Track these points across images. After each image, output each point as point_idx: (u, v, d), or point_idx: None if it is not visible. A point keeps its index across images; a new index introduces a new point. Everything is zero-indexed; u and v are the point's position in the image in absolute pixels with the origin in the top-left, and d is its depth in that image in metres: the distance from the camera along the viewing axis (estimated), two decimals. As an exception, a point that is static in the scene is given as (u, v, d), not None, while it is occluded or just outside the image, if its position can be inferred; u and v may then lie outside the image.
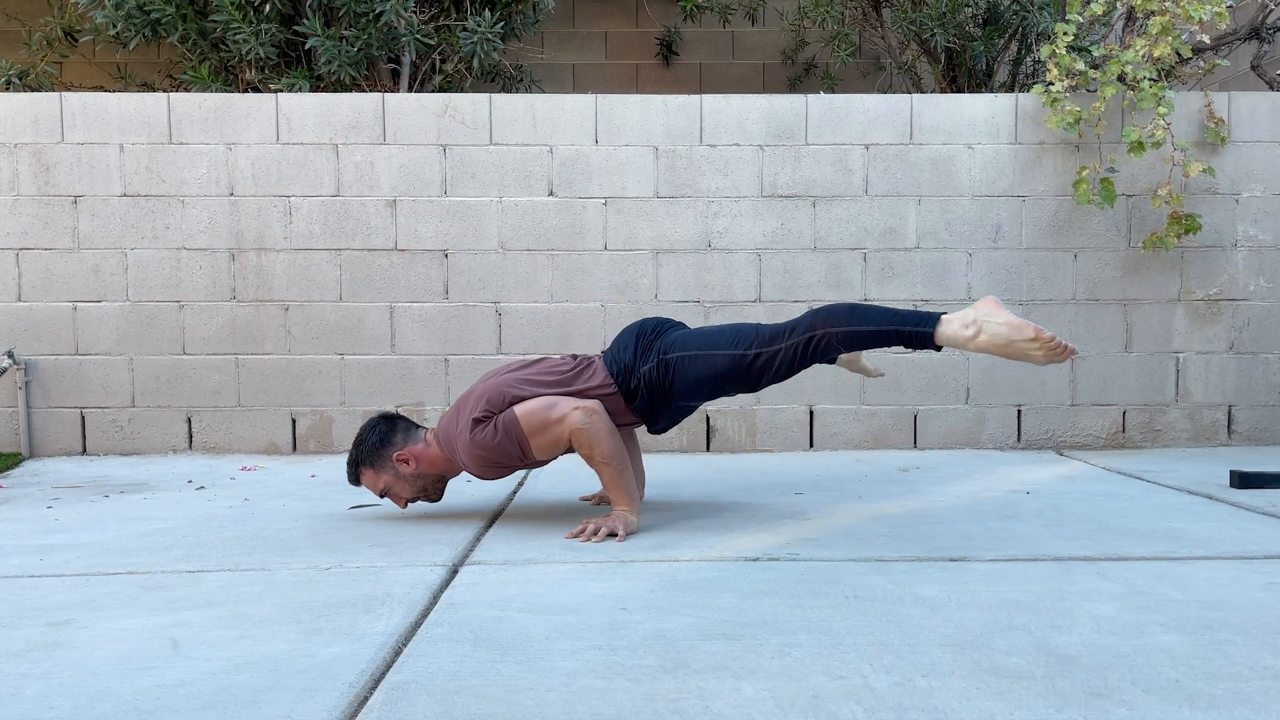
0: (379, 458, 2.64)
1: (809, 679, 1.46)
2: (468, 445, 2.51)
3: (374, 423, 2.69)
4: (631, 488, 2.50)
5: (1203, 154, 4.02)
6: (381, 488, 2.67)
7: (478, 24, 4.40)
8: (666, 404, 2.61)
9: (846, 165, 4.04)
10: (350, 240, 3.99)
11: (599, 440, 2.45)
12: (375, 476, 2.66)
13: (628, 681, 1.46)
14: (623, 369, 2.59)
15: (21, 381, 3.93)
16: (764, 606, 1.83)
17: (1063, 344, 2.26)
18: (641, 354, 2.58)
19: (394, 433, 2.67)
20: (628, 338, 2.65)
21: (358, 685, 1.45)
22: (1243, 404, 4.09)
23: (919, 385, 4.06)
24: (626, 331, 2.67)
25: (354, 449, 2.67)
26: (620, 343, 2.65)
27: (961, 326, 2.30)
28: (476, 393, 2.57)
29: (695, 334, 2.58)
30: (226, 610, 1.85)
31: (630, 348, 2.61)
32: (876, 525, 2.57)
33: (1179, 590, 1.91)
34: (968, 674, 1.47)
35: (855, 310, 2.43)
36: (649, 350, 2.58)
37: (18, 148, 3.93)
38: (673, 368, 2.53)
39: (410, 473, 2.64)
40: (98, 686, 1.47)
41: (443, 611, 1.83)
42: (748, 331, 2.51)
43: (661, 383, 2.55)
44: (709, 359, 2.51)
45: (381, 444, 2.64)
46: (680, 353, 2.53)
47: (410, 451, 2.64)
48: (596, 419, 2.45)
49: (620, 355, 2.61)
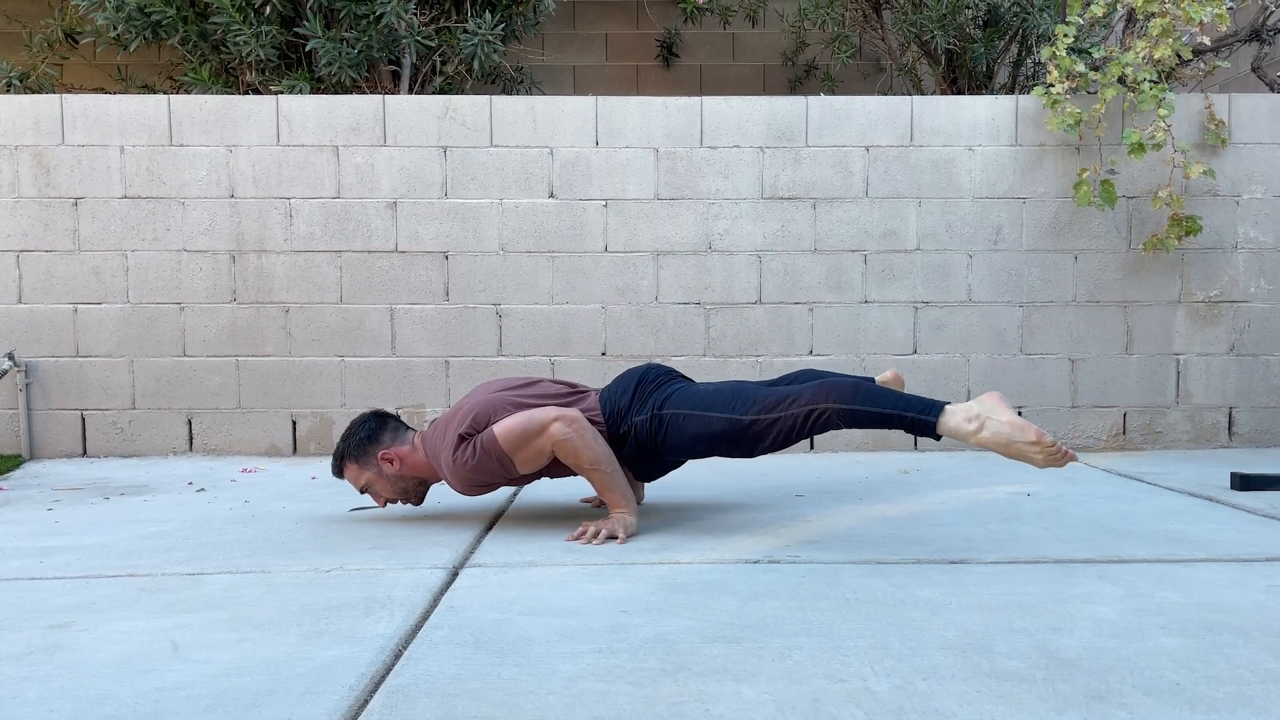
0: (364, 454, 2.64)
1: (810, 682, 1.46)
2: (449, 464, 2.50)
3: (364, 419, 2.70)
4: (625, 489, 2.48)
5: (1203, 156, 4.02)
6: (362, 484, 2.67)
7: (478, 26, 4.41)
8: (657, 458, 2.60)
9: (847, 167, 4.04)
10: (351, 242, 3.99)
11: (583, 448, 2.43)
12: (358, 472, 2.66)
13: (628, 684, 1.46)
14: (616, 412, 2.57)
15: (22, 383, 3.93)
16: (765, 609, 1.83)
17: (1062, 449, 2.22)
18: (638, 402, 2.56)
19: (382, 431, 2.67)
20: (628, 381, 2.62)
21: (358, 688, 1.45)
22: (1243, 406, 4.09)
23: (919, 387, 4.05)
24: (629, 375, 2.65)
25: (341, 442, 2.68)
26: (620, 385, 2.63)
27: (965, 420, 2.24)
28: (465, 408, 2.56)
29: (695, 391, 2.54)
30: (227, 613, 1.85)
31: (628, 393, 2.59)
32: (877, 527, 2.57)
33: (1180, 593, 1.91)
34: (968, 677, 1.47)
35: (859, 389, 2.37)
36: (645, 400, 2.56)
37: (18, 149, 3.93)
38: (666, 424, 2.51)
39: (393, 473, 2.64)
40: (98, 689, 1.47)
41: (443, 614, 1.83)
42: (748, 394, 2.47)
43: (654, 436, 2.53)
44: (704, 419, 2.47)
45: (368, 440, 2.65)
46: (676, 409, 2.50)
47: (396, 452, 2.63)
48: (577, 426, 2.43)
49: (616, 398, 2.59)
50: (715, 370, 4.01)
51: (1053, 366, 4.07)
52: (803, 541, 2.40)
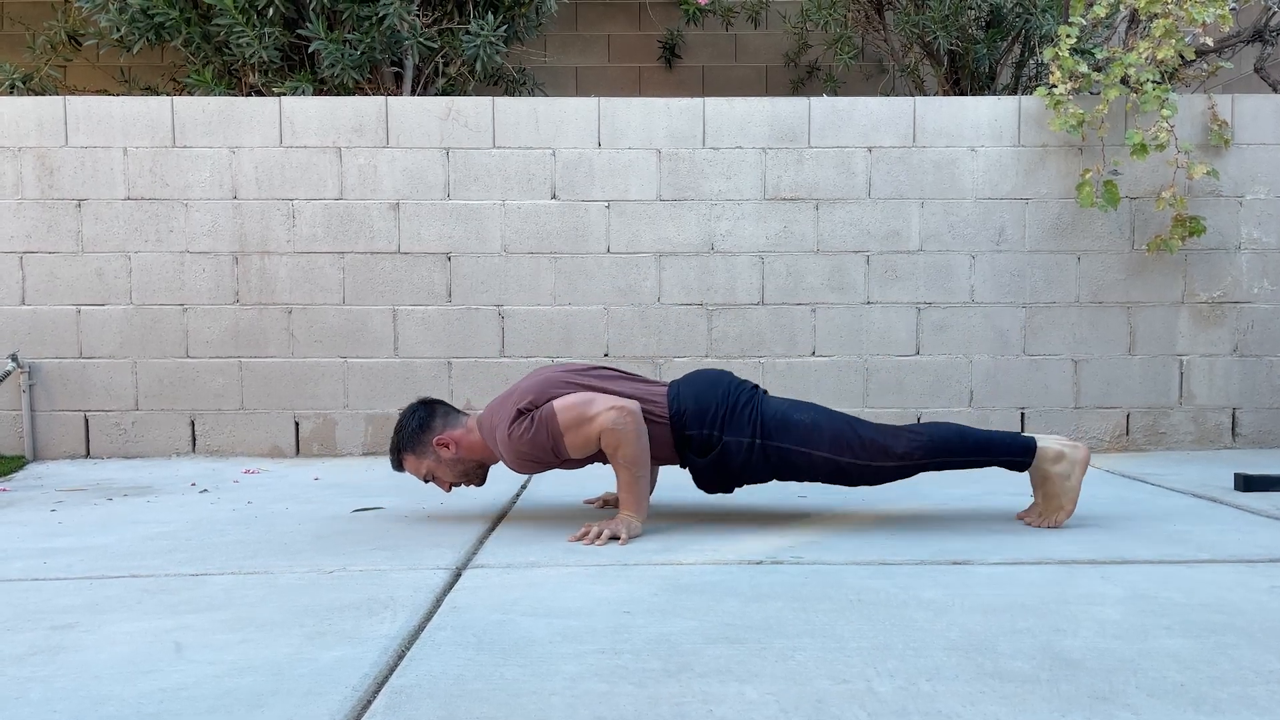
0: (419, 443, 2.64)
1: (813, 683, 1.46)
2: (505, 439, 2.50)
3: (413, 408, 2.70)
4: (644, 496, 2.49)
5: (1206, 156, 4.02)
6: (425, 473, 2.67)
7: (480, 27, 4.41)
8: (741, 479, 2.60)
9: (849, 168, 4.04)
10: (353, 243, 4.00)
11: (627, 442, 2.42)
12: (418, 462, 2.66)
13: (631, 685, 1.45)
14: (685, 413, 2.53)
15: (25, 385, 3.94)
16: (768, 610, 1.82)
17: None
18: (729, 418, 2.52)
19: (433, 418, 2.67)
20: (706, 386, 2.58)
21: (360, 689, 1.45)
22: (1247, 406, 4.08)
23: (922, 387, 4.06)
24: (706, 378, 2.62)
25: (395, 435, 2.68)
26: (694, 387, 2.59)
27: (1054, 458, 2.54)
28: (524, 386, 2.56)
29: (794, 422, 2.52)
30: (230, 614, 1.85)
31: (711, 401, 2.53)
32: (880, 528, 2.57)
33: (1183, 594, 1.91)
34: (972, 678, 1.46)
35: (966, 439, 2.55)
36: (740, 419, 2.51)
37: (22, 151, 3.94)
38: (772, 455, 2.51)
39: (450, 457, 2.64)
40: (101, 690, 1.47)
41: (446, 615, 1.83)
42: (846, 433, 2.50)
43: (761, 463, 2.52)
44: (808, 457, 2.51)
45: (421, 429, 2.64)
46: (781, 443, 2.50)
47: (450, 436, 2.63)
48: (630, 420, 2.42)
49: (689, 399, 2.55)
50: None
51: (1056, 367, 4.07)
52: (806, 542, 2.40)
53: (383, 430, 4.02)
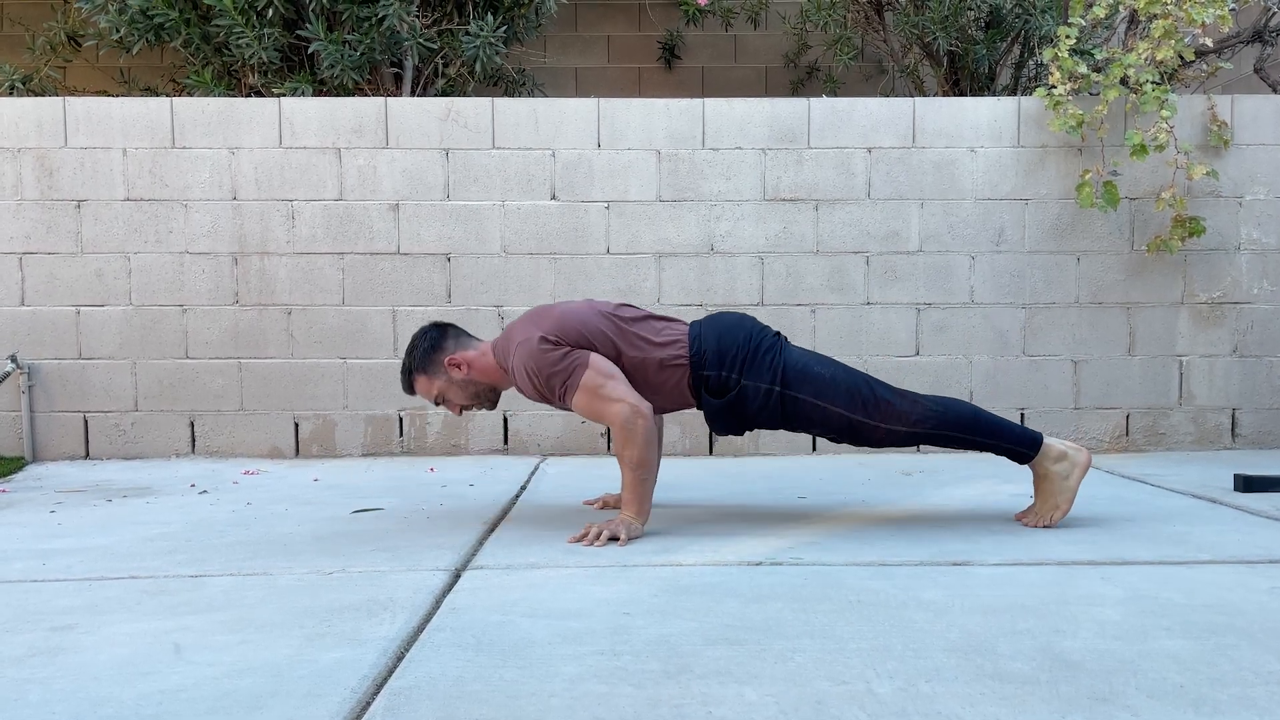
0: (431, 363, 2.63)
1: (812, 684, 1.45)
2: (529, 353, 2.47)
3: (424, 330, 2.68)
4: (646, 498, 2.48)
5: (1205, 157, 4.01)
6: (435, 394, 2.66)
7: (480, 28, 4.41)
8: (754, 423, 2.59)
9: (849, 168, 4.04)
10: (353, 244, 4.00)
11: (634, 444, 2.42)
12: (429, 382, 2.65)
13: (631, 686, 1.45)
14: (704, 354, 2.52)
15: (24, 385, 3.94)
16: (767, 611, 1.82)
17: None
18: (750, 363, 2.51)
19: (444, 338, 2.66)
20: (729, 329, 2.57)
21: (360, 690, 1.45)
22: (1246, 407, 4.08)
23: (922, 388, 4.05)
24: (728, 320, 2.61)
25: (406, 357, 2.66)
26: (716, 329, 2.58)
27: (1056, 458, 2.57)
28: (556, 312, 2.54)
29: (813, 375, 2.52)
30: (229, 615, 1.85)
31: (732, 344, 2.53)
32: (880, 529, 2.57)
33: (1183, 594, 1.91)
34: (971, 679, 1.46)
35: (979, 421, 2.56)
36: (761, 364, 2.51)
37: (21, 152, 3.94)
38: (790, 405, 2.51)
39: (462, 378, 2.63)
40: (100, 692, 1.47)
41: (445, 616, 1.83)
42: (864, 392, 2.51)
43: (776, 411, 2.53)
44: (823, 411, 2.51)
45: (433, 349, 2.64)
46: (798, 393, 2.50)
47: (463, 356, 2.62)
48: (641, 424, 2.41)
49: (710, 340, 2.54)
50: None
51: (1055, 368, 4.07)
52: (805, 543, 2.40)
53: (382, 432, 4.02)
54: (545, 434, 4.05)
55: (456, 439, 4.04)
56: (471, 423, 4.03)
